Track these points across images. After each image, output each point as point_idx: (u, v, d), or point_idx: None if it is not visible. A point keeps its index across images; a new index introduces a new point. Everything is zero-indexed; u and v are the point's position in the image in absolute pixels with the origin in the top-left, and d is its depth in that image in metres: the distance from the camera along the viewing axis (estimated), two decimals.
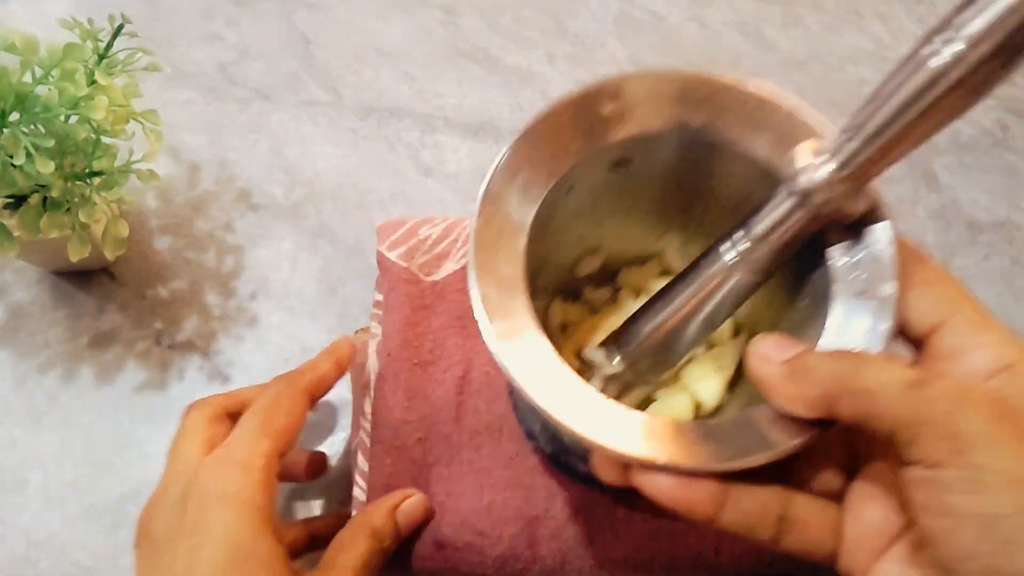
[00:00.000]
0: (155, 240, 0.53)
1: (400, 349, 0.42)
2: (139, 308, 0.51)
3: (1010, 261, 0.55)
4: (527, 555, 0.39)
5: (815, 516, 0.27)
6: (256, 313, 0.51)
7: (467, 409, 0.41)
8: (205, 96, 0.59)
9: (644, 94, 0.32)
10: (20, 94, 0.39)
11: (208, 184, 0.55)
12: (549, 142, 0.32)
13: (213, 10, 0.63)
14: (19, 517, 0.45)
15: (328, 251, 0.53)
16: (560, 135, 0.32)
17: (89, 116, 0.40)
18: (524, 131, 0.32)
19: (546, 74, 0.61)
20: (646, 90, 0.32)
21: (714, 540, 0.40)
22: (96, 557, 0.44)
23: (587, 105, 0.32)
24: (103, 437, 0.47)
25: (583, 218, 0.37)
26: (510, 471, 0.40)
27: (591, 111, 0.32)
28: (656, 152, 0.34)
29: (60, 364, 0.49)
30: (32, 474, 0.46)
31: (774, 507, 0.26)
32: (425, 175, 0.57)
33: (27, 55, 0.40)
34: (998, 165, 0.59)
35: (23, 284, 0.51)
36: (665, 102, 0.32)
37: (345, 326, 0.50)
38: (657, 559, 0.39)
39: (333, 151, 0.57)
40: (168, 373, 0.49)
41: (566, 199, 0.34)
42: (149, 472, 0.46)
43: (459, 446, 0.41)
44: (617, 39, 0.63)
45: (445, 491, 0.40)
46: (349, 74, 0.61)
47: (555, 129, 0.32)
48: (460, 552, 0.39)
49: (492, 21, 0.64)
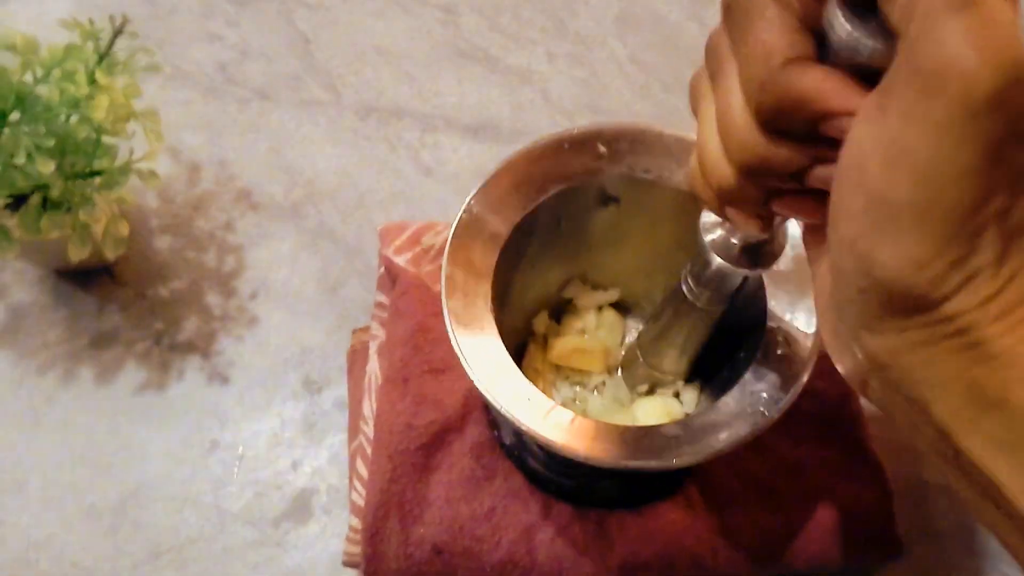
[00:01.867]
0: (155, 240, 0.53)
1: (412, 355, 0.42)
2: (139, 308, 0.51)
3: None
4: (525, 561, 0.39)
5: None
6: (256, 313, 0.51)
7: (472, 420, 0.41)
8: (205, 96, 0.59)
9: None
10: (21, 94, 0.39)
11: (208, 184, 0.55)
12: (536, 167, 0.37)
13: (213, 10, 0.63)
14: (18, 518, 0.45)
15: (328, 251, 0.53)
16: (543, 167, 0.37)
17: (90, 116, 0.40)
18: (512, 156, 0.37)
19: (546, 74, 0.61)
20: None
21: (710, 543, 0.40)
22: (96, 557, 0.44)
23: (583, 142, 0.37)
24: (102, 438, 0.47)
25: (570, 247, 0.41)
26: (509, 482, 0.40)
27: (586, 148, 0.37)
28: (644, 195, 0.38)
29: (60, 364, 0.49)
30: (31, 475, 0.46)
31: None
32: (425, 175, 0.57)
33: (28, 55, 0.40)
34: None
35: (23, 284, 0.51)
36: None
37: (345, 326, 0.50)
38: (654, 563, 0.39)
39: (333, 151, 0.57)
40: (168, 374, 0.49)
41: (558, 228, 0.39)
42: (149, 473, 0.46)
43: (461, 455, 0.41)
44: (617, 39, 0.63)
45: (444, 497, 0.40)
46: (349, 74, 0.61)
47: (539, 159, 0.37)
48: (458, 558, 0.39)
49: (492, 21, 0.64)
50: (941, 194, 0.19)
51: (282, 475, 0.46)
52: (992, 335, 0.19)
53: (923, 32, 0.18)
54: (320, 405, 0.48)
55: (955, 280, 0.19)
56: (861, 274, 0.21)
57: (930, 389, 0.21)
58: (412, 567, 0.39)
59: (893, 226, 0.19)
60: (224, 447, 0.47)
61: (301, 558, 0.44)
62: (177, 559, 0.44)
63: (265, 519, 0.45)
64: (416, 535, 0.39)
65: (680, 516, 0.40)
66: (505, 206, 0.36)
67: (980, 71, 0.17)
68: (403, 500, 0.40)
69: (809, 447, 0.42)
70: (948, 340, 0.20)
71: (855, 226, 0.20)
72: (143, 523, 0.45)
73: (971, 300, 0.19)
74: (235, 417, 0.48)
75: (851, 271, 0.21)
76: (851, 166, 0.20)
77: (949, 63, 0.17)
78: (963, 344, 0.20)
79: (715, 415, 0.32)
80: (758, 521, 0.40)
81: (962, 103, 0.18)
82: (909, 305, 0.20)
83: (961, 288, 0.19)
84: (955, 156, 0.18)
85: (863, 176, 0.20)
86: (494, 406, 0.31)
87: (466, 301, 0.33)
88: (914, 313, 0.20)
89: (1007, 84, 0.17)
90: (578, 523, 0.40)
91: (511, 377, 0.32)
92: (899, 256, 0.19)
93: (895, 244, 0.19)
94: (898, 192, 0.19)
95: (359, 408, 0.45)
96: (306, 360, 0.49)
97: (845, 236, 0.21)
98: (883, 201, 0.19)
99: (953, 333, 0.20)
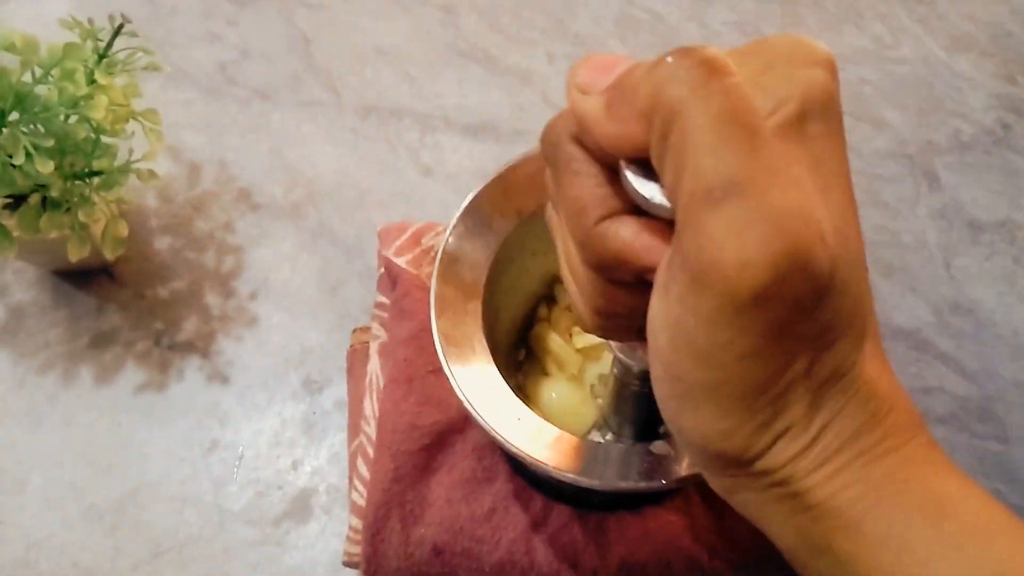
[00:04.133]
0: (155, 240, 0.53)
1: (416, 355, 0.42)
2: (139, 308, 0.51)
3: (1011, 260, 0.55)
4: (525, 561, 0.39)
5: None
6: (256, 313, 0.51)
7: (474, 422, 0.41)
8: (205, 96, 0.59)
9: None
10: (20, 94, 0.39)
11: (208, 184, 0.55)
12: (527, 177, 0.37)
13: (213, 10, 0.63)
14: (19, 517, 0.45)
15: (328, 251, 0.53)
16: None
17: (89, 116, 0.40)
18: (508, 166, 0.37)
19: (546, 74, 0.61)
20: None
21: (708, 545, 0.40)
22: (96, 557, 0.44)
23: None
24: (103, 437, 0.47)
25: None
26: (510, 484, 0.40)
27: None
28: None
29: (60, 364, 0.49)
30: (31, 475, 0.46)
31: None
32: (425, 175, 0.57)
33: (27, 55, 0.40)
34: (999, 164, 0.59)
35: (23, 284, 0.51)
36: None
37: (345, 326, 0.50)
38: (651, 564, 0.39)
39: (333, 151, 0.57)
40: (168, 374, 0.49)
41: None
42: (149, 472, 0.46)
43: (462, 455, 0.41)
44: (617, 39, 0.63)
45: (445, 497, 0.40)
46: (349, 74, 0.61)
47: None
48: (458, 558, 0.39)
49: (492, 21, 0.64)
50: (727, 376, 0.18)
51: (282, 475, 0.46)
52: (809, 486, 0.19)
53: (686, 223, 0.17)
54: (320, 405, 0.48)
55: (764, 440, 0.19)
56: (677, 433, 0.20)
57: (767, 526, 0.21)
58: (412, 567, 0.39)
59: (690, 400, 0.19)
60: (224, 447, 0.47)
61: (301, 558, 0.44)
62: (177, 559, 0.44)
63: (265, 519, 0.45)
64: (416, 535, 0.39)
65: (679, 518, 0.40)
66: (495, 218, 0.36)
67: (743, 270, 0.16)
68: (404, 500, 0.40)
69: None
70: (771, 489, 0.20)
71: (661, 389, 0.20)
72: (143, 523, 0.45)
73: (784, 455, 0.19)
74: (235, 417, 0.48)
75: (670, 427, 0.21)
76: (650, 333, 0.19)
77: (710, 262, 0.16)
78: (785, 494, 0.20)
79: None
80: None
81: (728, 300, 0.17)
82: (725, 463, 0.20)
83: (773, 445, 0.19)
84: (732, 345, 0.17)
85: (657, 348, 0.19)
86: (488, 433, 0.32)
87: (455, 320, 0.34)
88: (734, 467, 0.20)
89: (775, 279, 0.16)
90: (577, 524, 0.40)
91: (503, 399, 0.33)
92: (702, 426, 0.19)
93: (695, 416, 0.19)
94: (685, 372, 0.18)
95: (360, 408, 0.45)
96: (306, 360, 0.49)
97: (659, 396, 0.20)
98: (676, 377, 0.19)
99: (773, 484, 0.20)
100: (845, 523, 0.19)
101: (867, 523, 0.19)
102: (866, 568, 0.19)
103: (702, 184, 0.16)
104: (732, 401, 0.18)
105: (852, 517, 0.19)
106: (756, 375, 0.18)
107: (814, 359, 0.18)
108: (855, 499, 0.19)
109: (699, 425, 0.19)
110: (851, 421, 0.19)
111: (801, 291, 0.17)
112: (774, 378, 0.18)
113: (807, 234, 0.16)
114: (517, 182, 0.37)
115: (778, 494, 0.20)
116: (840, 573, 0.19)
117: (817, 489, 0.19)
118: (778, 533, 0.21)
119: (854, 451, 0.19)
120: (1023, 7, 0.67)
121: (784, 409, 0.18)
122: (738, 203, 0.16)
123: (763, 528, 0.21)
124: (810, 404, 0.19)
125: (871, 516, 0.19)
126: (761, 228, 0.16)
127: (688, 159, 0.16)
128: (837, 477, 0.19)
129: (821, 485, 0.19)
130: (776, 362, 0.18)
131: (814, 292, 0.17)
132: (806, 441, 0.19)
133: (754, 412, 0.18)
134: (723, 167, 0.16)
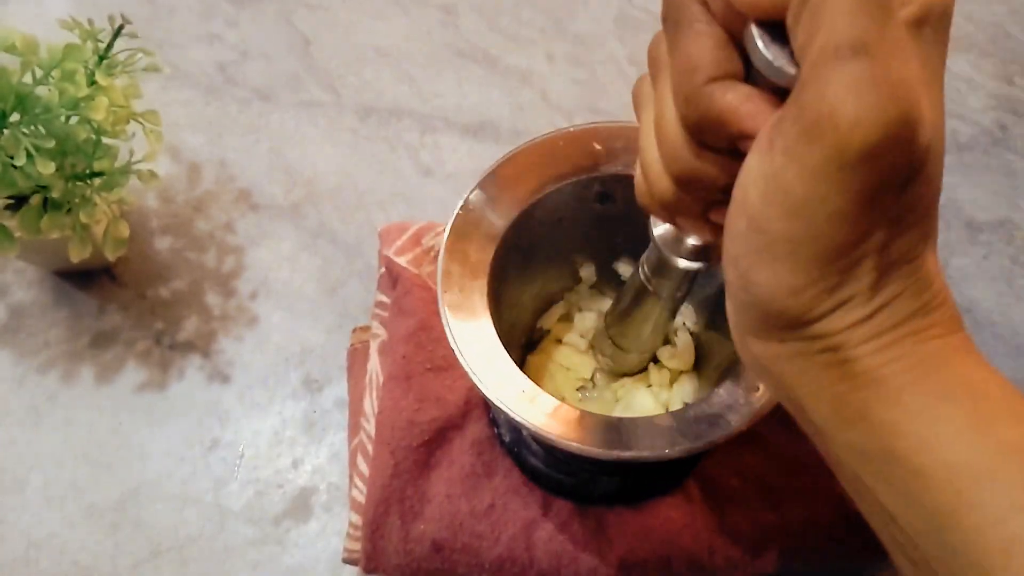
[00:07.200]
0: (155, 240, 0.53)
1: (415, 352, 0.43)
2: (139, 308, 0.51)
3: (1010, 260, 0.55)
4: (524, 557, 0.39)
5: None
6: (256, 313, 0.51)
7: (473, 418, 0.42)
8: (205, 96, 0.59)
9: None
10: (20, 95, 0.39)
11: (208, 184, 0.56)
12: (532, 165, 0.37)
13: (213, 10, 0.63)
14: (19, 517, 0.45)
15: (328, 251, 0.53)
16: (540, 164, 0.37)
17: (89, 117, 0.40)
18: (507, 155, 0.37)
19: (546, 74, 0.61)
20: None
21: (709, 542, 0.40)
22: (96, 556, 0.44)
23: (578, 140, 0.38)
24: (103, 437, 0.47)
25: (567, 244, 0.42)
26: (509, 479, 0.40)
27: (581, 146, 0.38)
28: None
29: (60, 364, 0.49)
30: (32, 474, 0.46)
31: None
32: (425, 175, 0.57)
33: (27, 56, 0.40)
34: (997, 165, 0.59)
35: (23, 284, 0.51)
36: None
37: (345, 325, 0.50)
38: (651, 561, 0.39)
39: (333, 151, 0.57)
40: (168, 373, 0.49)
41: (555, 225, 0.39)
42: (149, 472, 0.46)
43: (461, 451, 0.41)
44: (617, 39, 0.63)
45: (444, 493, 0.40)
46: (349, 74, 0.61)
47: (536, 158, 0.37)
48: (458, 554, 0.39)
49: (492, 21, 0.64)
50: (813, 232, 0.19)
51: (282, 474, 0.46)
52: (859, 355, 0.20)
53: (811, 77, 0.18)
54: (320, 404, 0.48)
55: (827, 305, 0.20)
56: (743, 290, 0.21)
57: (804, 396, 0.22)
58: (412, 563, 0.39)
59: (769, 254, 0.20)
60: (225, 446, 0.47)
61: (302, 556, 0.44)
62: (178, 558, 0.44)
63: (266, 517, 0.45)
64: (416, 531, 0.39)
65: (679, 514, 0.40)
66: (501, 203, 0.36)
67: (856, 126, 0.17)
68: (404, 496, 0.40)
69: (808, 442, 0.42)
70: (820, 355, 0.21)
71: (738, 245, 0.21)
72: (144, 522, 0.45)
73: (842, 322, 0.20)
74: (236, 416, 0.48)
75: (735, 285, 0.22)
76: (739, 188, 0.20)
77: (828, 113, 0.17)
78: (833, 360, 0.21)
79: (708, 406, 0.32)
80: (757, 519, 0.40)
81: (836, 154, 0.18)
82: (783, 323, 0.21)
83: (833, 311, 0.20)
84: (827, 201, 0.18)
85: (746, 202, 0.20)
86: (485, 396, 0.31)
87: (463, 295, 0.34)
88: (789, 329, 0.21)
89: (883, 141, 0.17)
90: (577, 520, 0.40)
91: (505, 368, 0.33)
92: (773, 281, 0.20)
93: (770, 270, 0.20)
94: (772, 224, 0.19)
95: (359, 406, 0.45)
96: (306, 359, 0.50)
97: (730, 253, 0.21)
98: (760, 230, 0.20)
99: (824, 349, 0.21)
100: (886, 393, 0.20)
101: (906, 394, 0.20)
102: (900, 436, 0.20)
103: (833, 41, 0.17)
104: (809, 260, 0.19)
105: (893, 388, 0.20)
106: (838, 237, 0.19)
107: (889, 238, 0.19)
108: (899, 372, 0.20)
109: (771, 279, 0.20)
110: (907, 305, 0.20)
111: (900, 161, 0.18)
112: (852, 245, 0.19)
113: (917, 109, 0.18)
114: (526, 171, 0.37)
115: (826, 360, 0.21)
116: (869, 444, 0.20)
117: (867, 358, 0.20)
118: (813, 405, 0.22)
119: (906, 330, 0.20)
120: (1022, 8, 0.67)
121: (852, 279, 0.20)
122: (864, 64, 0.17)
123: (797, 401, 0.22)
124: (876, 280, 0.20)
125: (911, 389, 0.20)
126: (880, 91, 0.17)
127: (825, 18, 0.17)
128: (888, 350, 0.20)
129: (871, 355, 0.20)
130: (859, 228, 0.19)
131: (910, 166, 0.18)
132: (865, 313, 0.20)
133: (825, 275, 0.19)
134: (856, 30, 0.17)
